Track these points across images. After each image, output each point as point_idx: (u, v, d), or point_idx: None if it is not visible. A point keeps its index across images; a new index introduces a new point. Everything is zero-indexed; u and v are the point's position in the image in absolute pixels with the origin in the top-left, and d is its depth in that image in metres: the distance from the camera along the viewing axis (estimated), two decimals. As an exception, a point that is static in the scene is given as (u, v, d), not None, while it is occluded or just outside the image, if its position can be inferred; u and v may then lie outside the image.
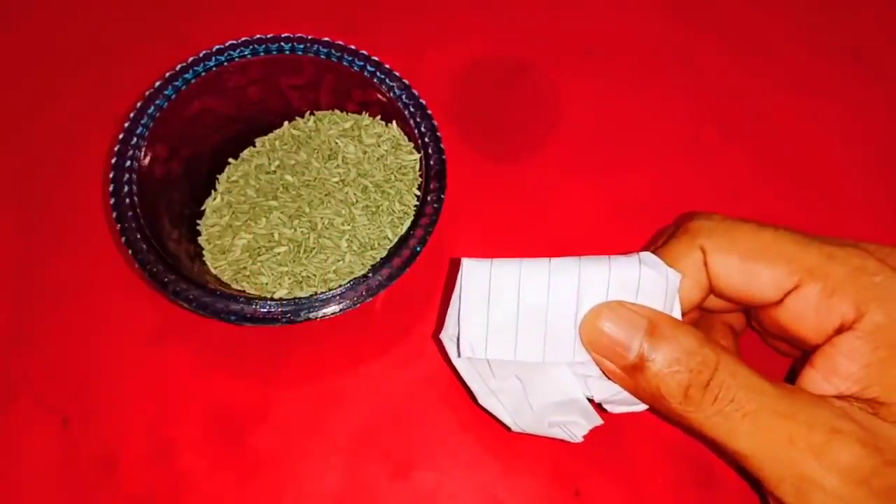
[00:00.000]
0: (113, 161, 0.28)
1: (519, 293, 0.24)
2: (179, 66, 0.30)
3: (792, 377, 0.30)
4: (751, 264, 0.24)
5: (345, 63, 0.31)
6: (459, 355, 0.25)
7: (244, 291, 0.30)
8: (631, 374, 0.24)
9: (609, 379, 0.25)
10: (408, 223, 0.29)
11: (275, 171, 0.33)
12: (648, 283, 0.24)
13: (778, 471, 0.22)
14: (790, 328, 0.25)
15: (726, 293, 0.26)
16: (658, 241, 0.28)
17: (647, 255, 0.25)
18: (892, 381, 0.22)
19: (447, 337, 0.26)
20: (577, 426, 0.26)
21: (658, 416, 0.28)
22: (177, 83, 0.30)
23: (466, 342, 0.25)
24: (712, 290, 0.26)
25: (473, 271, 0.25)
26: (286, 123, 0.34)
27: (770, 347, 0.31)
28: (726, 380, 0.22)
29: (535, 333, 0.25)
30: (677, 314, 0.25)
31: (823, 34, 0.41)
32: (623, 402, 0.26)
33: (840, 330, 0.23)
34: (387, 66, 0.31)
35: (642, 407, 0.25)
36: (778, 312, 0.25)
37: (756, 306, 0.26)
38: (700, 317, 0.30)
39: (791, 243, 0.24)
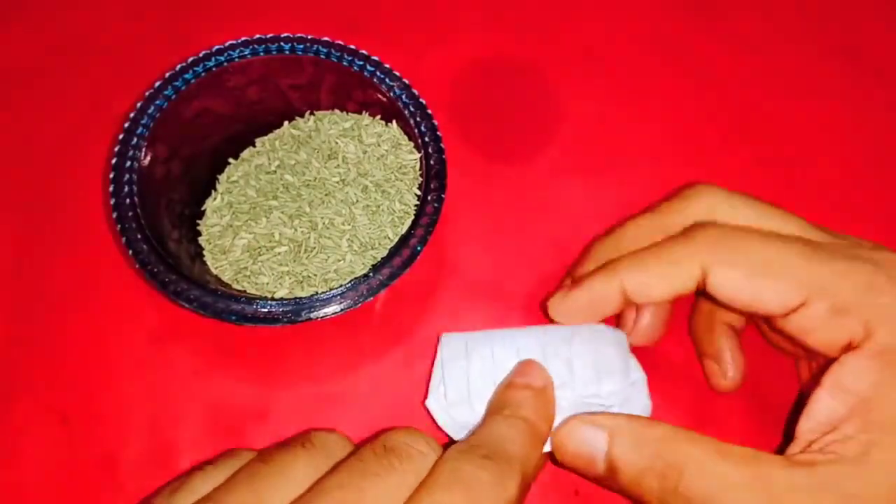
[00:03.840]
0: (113, 161, 0.28)
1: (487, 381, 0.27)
2: (179, 66, 0.30)
3: (794, 372, 0.30)
4: (757, 279, 0.24)
5: (345, 63, 0.31)
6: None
7: (245, 291, 0.30)
8: (604, 480, 0.24)
9: None
10: (408, 223, 0.29)
11: (275, 171, 0.33)
12: (607, 359, 0.27)
13: None
14: (797, 338, 0.25)
15: (729, 305, 0.25)
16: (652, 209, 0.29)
17: (603, 330, 0.28)
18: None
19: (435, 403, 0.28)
20: None
21: None
22: (177, 83, 0.30)
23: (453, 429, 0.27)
24: (717, 301, 0.26)
25: (449, 348, 0.28)
26: (286, 123, 0.34)
27: (772, 347, 0.31)
28: (694, 480, 0.22)
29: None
30: (636, 369, 0.27)
31: (823, 34, 0.41)
32: None
33: (849, 347, 0.23)
34: (387, 66, 0.31)
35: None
36: (783, 323, 0.25)
37: (760, 317, 0.25)
38: (702, 319, 0.30)
39: (799, 257, 0.24)
